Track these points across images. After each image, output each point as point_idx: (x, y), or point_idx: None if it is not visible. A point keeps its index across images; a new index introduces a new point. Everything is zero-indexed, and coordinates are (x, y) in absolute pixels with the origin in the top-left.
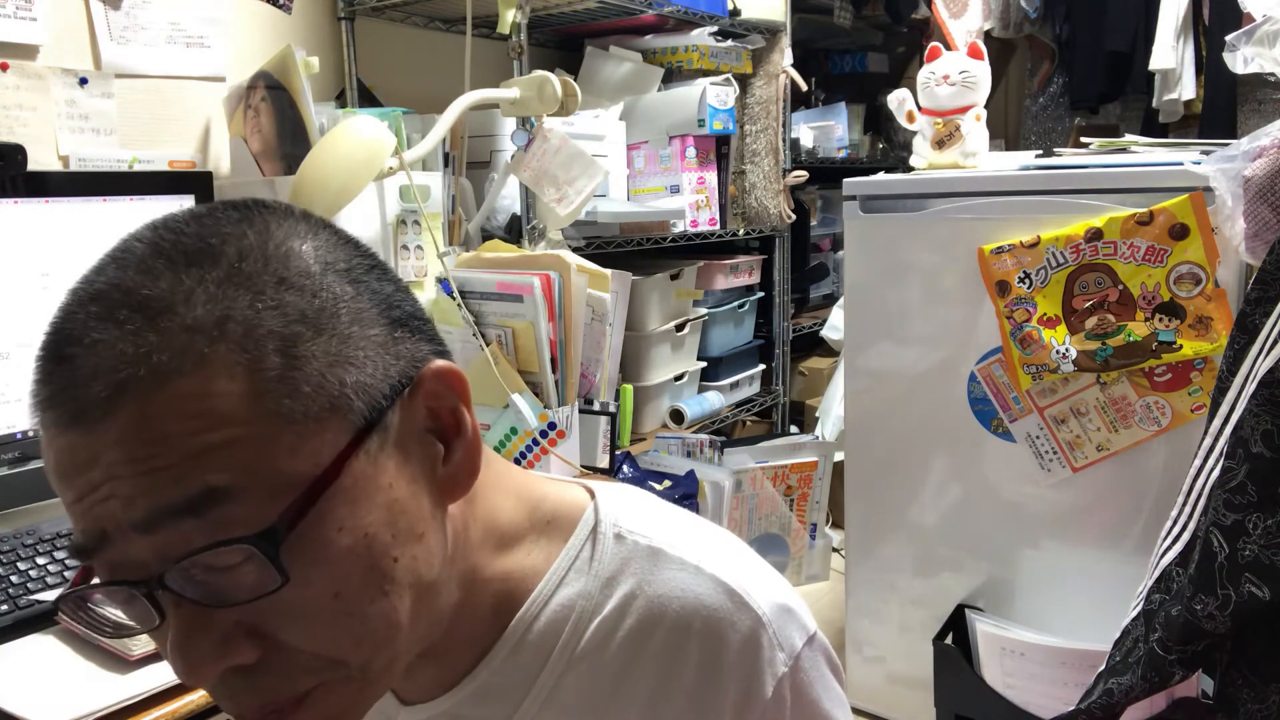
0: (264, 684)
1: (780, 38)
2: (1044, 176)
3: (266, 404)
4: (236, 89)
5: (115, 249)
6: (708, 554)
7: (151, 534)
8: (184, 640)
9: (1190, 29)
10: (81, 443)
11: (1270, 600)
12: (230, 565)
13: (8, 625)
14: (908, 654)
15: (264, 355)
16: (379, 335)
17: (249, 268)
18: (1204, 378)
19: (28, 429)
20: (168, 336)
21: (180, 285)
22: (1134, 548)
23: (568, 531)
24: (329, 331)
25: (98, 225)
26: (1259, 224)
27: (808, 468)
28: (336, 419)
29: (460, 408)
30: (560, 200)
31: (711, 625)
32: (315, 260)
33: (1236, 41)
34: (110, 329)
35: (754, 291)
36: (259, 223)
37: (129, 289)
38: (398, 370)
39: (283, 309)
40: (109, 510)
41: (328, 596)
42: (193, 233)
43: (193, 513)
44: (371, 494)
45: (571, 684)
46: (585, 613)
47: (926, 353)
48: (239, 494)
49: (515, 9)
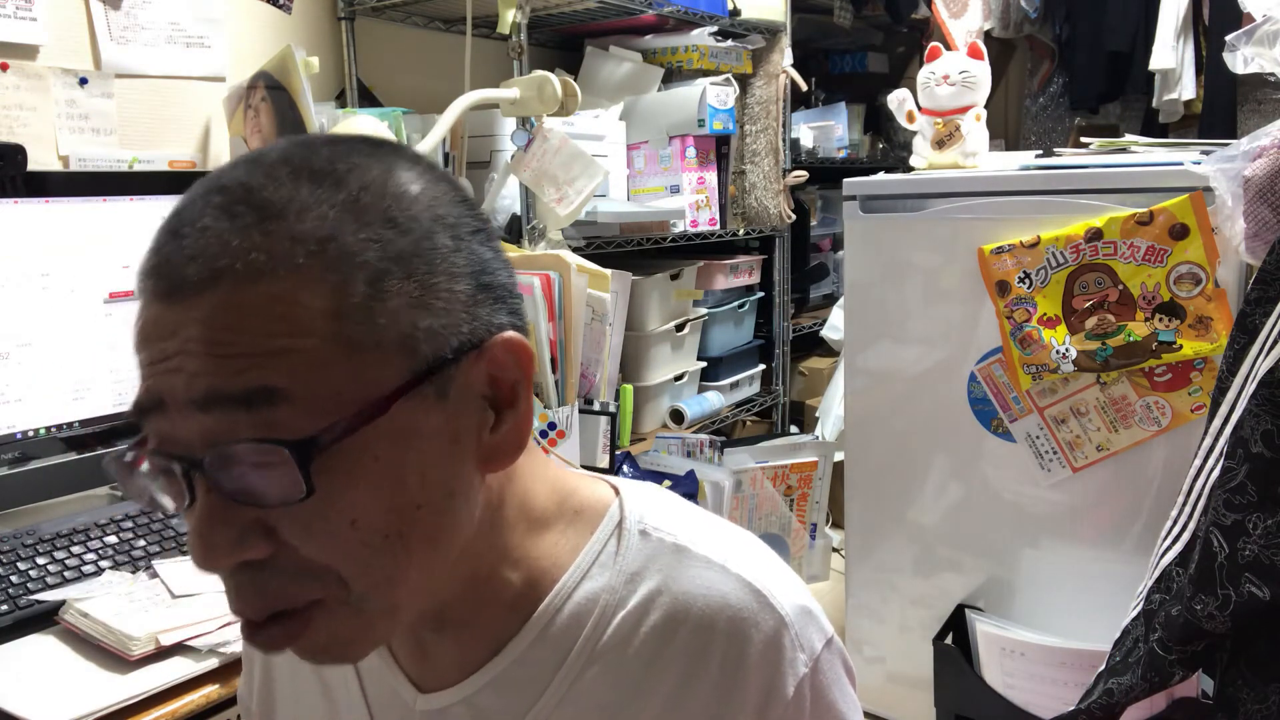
0: (271, 584)
1: (780, 38)
2: (1044, 176)
3: (341, 326)
4: (236, 89)
5: (252, 152)
6: (732, 553)
7: (204, 413)
8: (206, 527)
9: (1190, 29)
10: (167, 315)
11: (1270, 600)
12: (264, 464)
13: (8, 625)
14: (908, 654)
15: (352, 281)
16: (464, 292)
17: (365, 200)
18: (1204, 378)
19: (28, 429)
20: (271, 239)
21: (297, 197)
22: (1134, 548)
23: (593, 525)
24: (417, 276)
25: (98, 225)
26: (1259, 224)
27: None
28: (400, 357)
29: (520, 382)
30: (560, 200)
31: (736, 624)
32: (426, 208)
33: (1236, 41)
34: (223, 219)
35: (754, 291)
36: (387, 161)
37: (251, 188)
38: (470, 330)
39: (383, 244)
40: (172, 382)
41: (345, 521)
42: (325, 155)
43: (246, 405)
44: (412, 437)
45: (593, 678)
46: (609, 607)
47: (926, 353)
48: (292, 400)
49: (515, 9)
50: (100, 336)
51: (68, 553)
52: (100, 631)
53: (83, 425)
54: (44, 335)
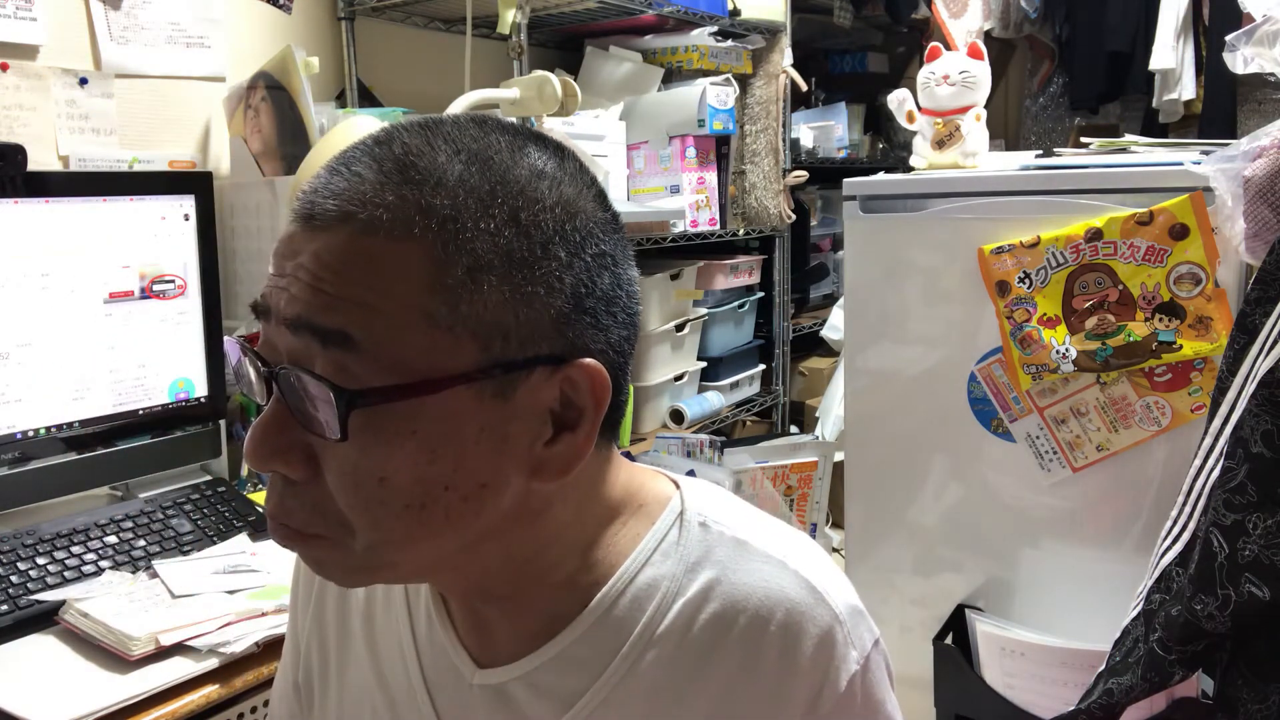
0: (290, 504)
1: (780, 38)
2: (1044, 176)
3: (428, 301)
4: (236, 89)
5: (431, 117)
6: (791, 550)
7: (292, 333)
8: (261, 428)
9: (1190, 29)
10: (299, 236)
11: (1270, 600)
12: (318, 397)
13: (8, 625)
14: (908, 654)
15: (454, 265)
16: (558, 309)
17: (501, 192)
18: (1204, 378)
19: (28, 429)
20: (402, 203)
21: (444, 173)
22: (1134, 548)
23: (655, 516)
24: (516, 278)
25: (98, 225)
26: (1259, 224)
27: (808, 468)
28: (472, 347)
29: (587, 409)
30: None
31: (793, 617)
32: (553, 219)
33: (1236, 41)
34: (374, 170)
35: (754, 291)
36: (548, 166)
37: (409, 150)
38: (553, 346)
39: (495, 239)
40: (279, 297)
41: (374, 475)
42: (493, 142)
43: (323, 341)
44: (459, 424)
45: (652, 662)
46: (669, 594)
47: (926, 353)
48: (362, 351)
49: (515, 9)
50: (100, 336)
51: (68, 553)
52: (100, 631)
53: (83, 425)
54: (44, 335)
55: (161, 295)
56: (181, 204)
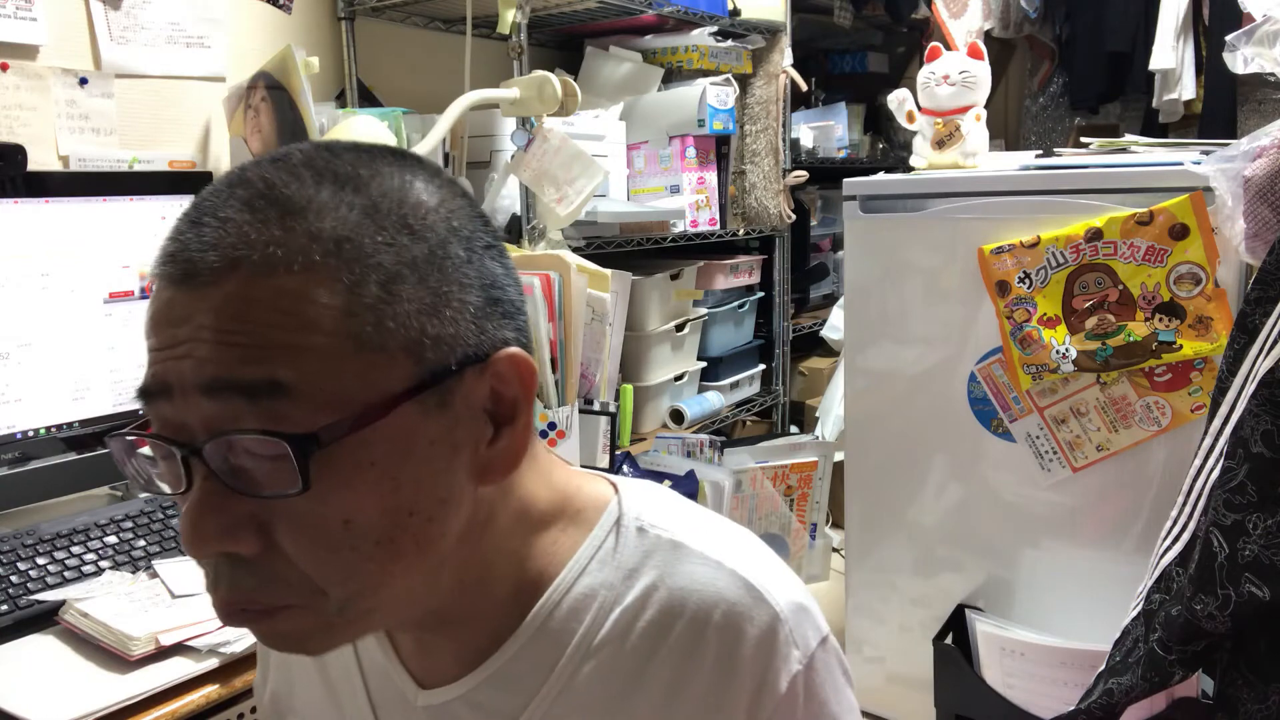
0: (247, 583)
1: (780, 38)
2: (1044, 176)
3: (351, 325)
4: (236, 89)
5: (277, 151)
6: (728, 550)
7: (208, 400)
8: (197, 512)
9: (1190, 29)
10: (181, 300)
11: (1270, 600)
12: (263, 455)
13: (8, 625)
14: (908, 654)
15: (365, 282)
16: (473, 304)
17: (384, 206)
18: (1204, 378)
19: (28, 429)
20: (290, 235)
21: (318, 197)
22: (1134, 548)
23: (592, 523)
24: (430, 282)
25: (98, 225)
26: (1259, 224)
27: (808, 468)
28: (407, 362)
29: (520, 399)
30: (560, 200)
31: (730, 618)
32: (442, 219)
33: (1236, 41)
34: (245, 211)
35: (754, 291)
36: (407, 172)
37: (274, 184)
38: (477, 343)
39: (398, 250)
40: (180, 367)
41: (338, 520)
42: (349, 160)
43: (250, 396)
44: (412, 444)
45: (590, 673)
46: (606, 602)
47: (926, 353)
48: (297, 394)
49: (515, 9)
50: (100, 336)
51: (68, 553)
52: (100, 631)
53: (83, 425)
54: (44, 335)
55: None
56: (181, 204)
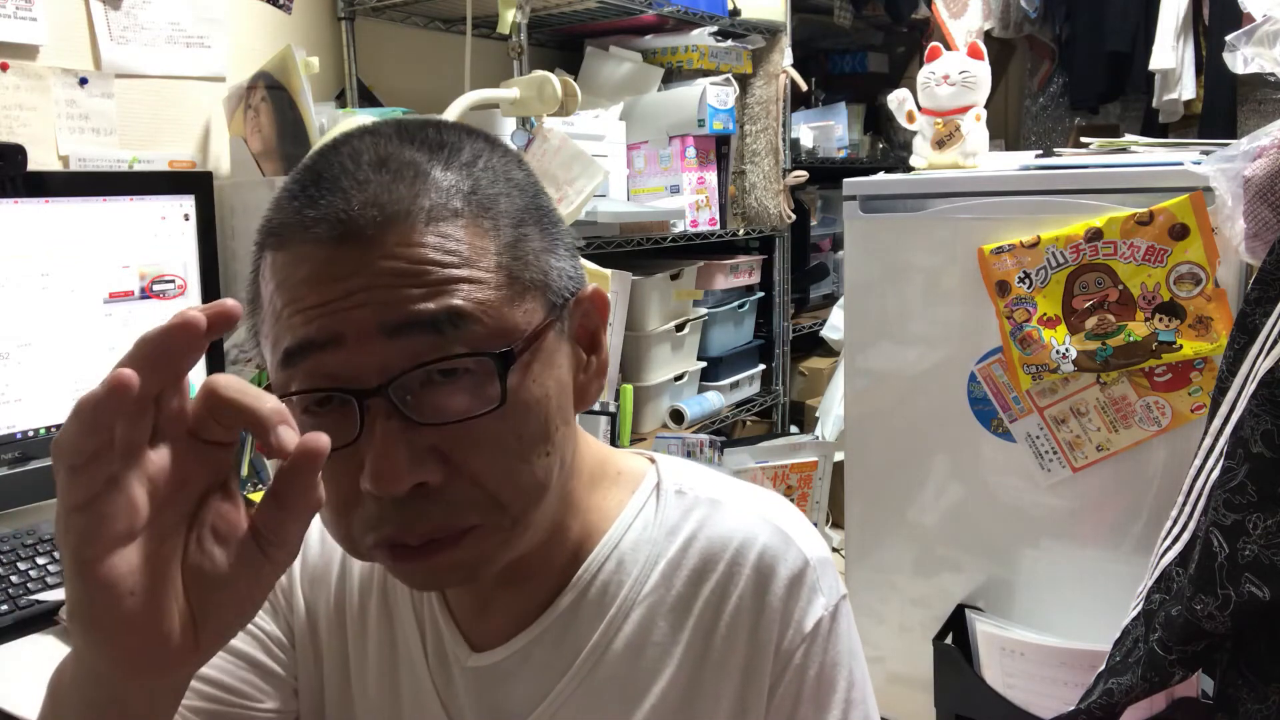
0: (435, 512)
1: (780, 38)
2: (1044, 176)
3: (502, 260)
4: (236, 89)
5: (354, 134)
6: (764, 505)
7: (395, 339)
8: (387, 450)
9: (1190, 29)
10: (347, 256)
11: (1270, 600)
12: (457, 383)
13: (8, 625)
14: (908, 654)
15: (501, 225)
16: (568, 247)
17: (485, 163)
18: (1204, 378)
19: (28, 429)
20: (434, 187)
21: (434, 160)
22: (1134, 548)
23: (633, 486)
24: (543, 227)
25: (98, 225)
26: (1259, 224)
27: (808, 468)
28: (541, 295)
29: (599, 330)
30: (560, 200)
31: (765, 558)
32: (524, 175)
33: (1236, 41)
34: (384, 175)
35: (754, 291)
36: (484, 140)
37: (392, 153)
38: (575, 280)
39: (513, 198)
40: (358, 315)
41: (513, 435)
42: (431, 134)
43: (436, 328)
44: (553, 365)
45: (635, 623)
46: (651, 558)
47: (926, 353)
48: (476, 322)
49: (515, 9)
50: (100, 336)
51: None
52: None
53: None
54: (44, 335)
55: (161, 295)
56: (181, 204)
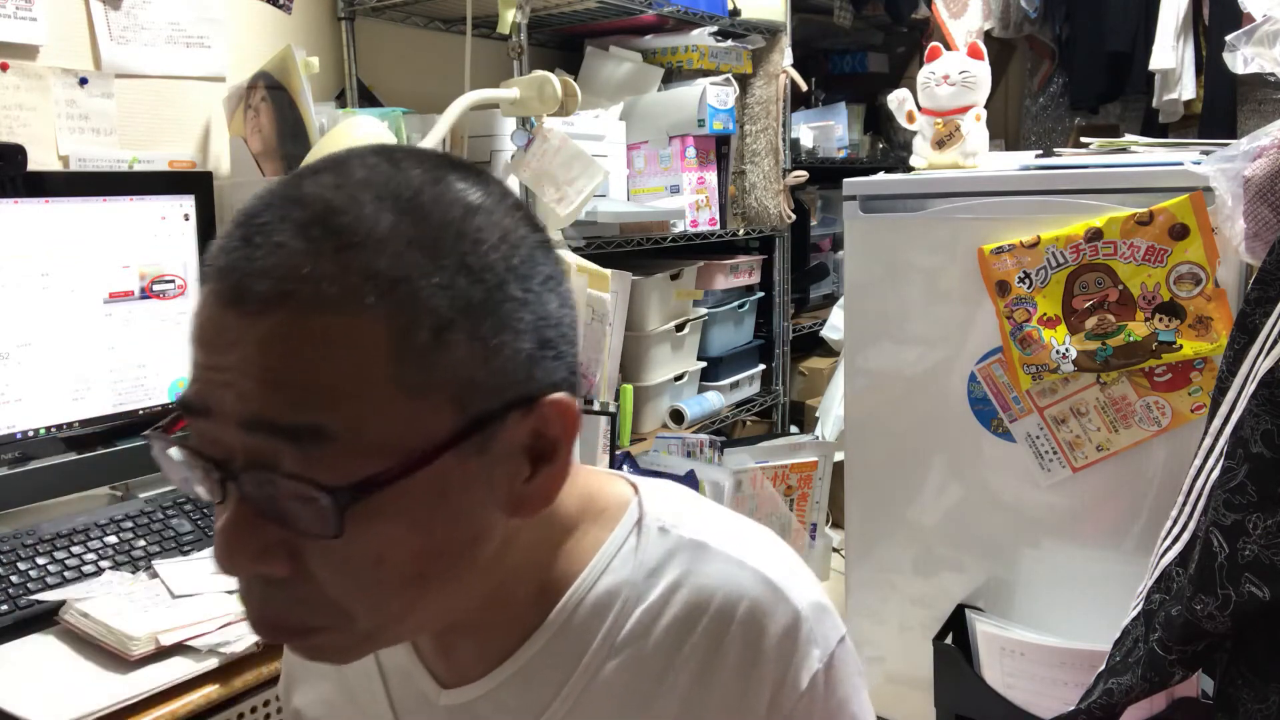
0: (280, 604)
1: (780, 38)
2: (1044, 176)
3: (399, 371)
4: (236, 89)
5: (342, 156)
6: (751, 549)
7: (249, 434)
8: (232, 534)
9: (1190, 29)
10: (231, 324)
11: (1270, 600)
12: (300, 497)
13: (8, 625)
14: (908, 654)
15: (417, 328)
16: (525, 351)
17: (445, 240)
18: (1204, 378)
19: (28, 429)
20: (344, 272)
21: (377, 228)
22: (1134, 548)
23: (614, 522)
24: (483, 330)
25: (98, 225)
26: (1259, 224)
27: (808, 468)
28: (450, 410)
29: (562, 441)
30: (560, 200)
31: (753, 615)
32: (503, 257)
33: (1236, 41)
34: (299, 239)
35: (754, 291)
36: (474, 193)
37: (333, 209)
38: (525, 388)
39: (453, 293)
40: (223, 395)
41: (370, 560)
42: (415, 179)
43: (292, 439)
44: (449, 490)
45: (613, 671)
46: (630, 601)
47: (926, 353)
48: (339, 441)
49: (515, 9)
50: (100, 336)
51: (68, 553)
52: (100, 631)
53: (83, 425)
54: (44, 335)
55: (161, 295)
56: (181, 204)
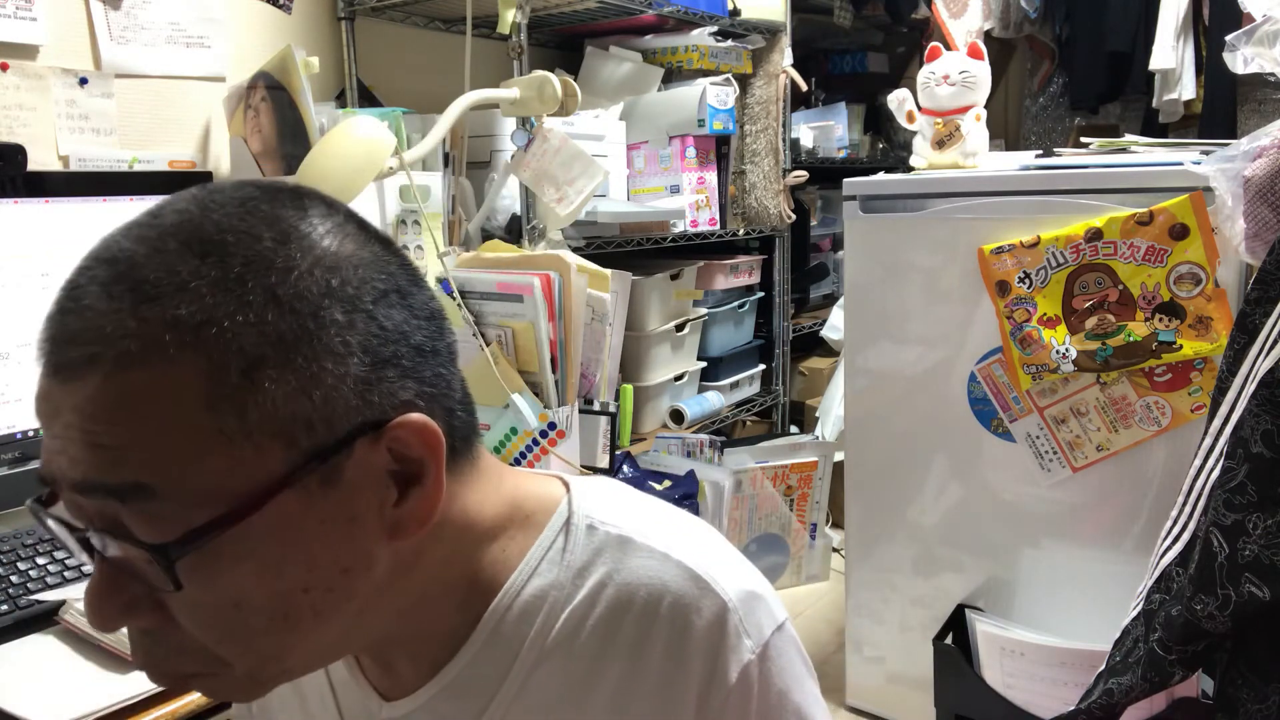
0: (160, 652)
1: (780, 38)
2: (1044, 176)
3: (213, 418)
4: (236, 89)
5: (157, 207)
6: (676, 541)
7: (85, 498)
8: (96, 592)
9: (1190, 29)
10: (54, 393)
11: (1270, 600)
12: (139, 555)
13: (8, 625)
14: (908, 654)
15: (226, 370)
16: (355, 375)
17: (250, 275)
18: (1204, 378)
19: (28, 429)
20: (145, 325)
21: (177, 275)
22: (1134, 548)
23: (541, 525)
24: (299, 362)
25: (98, 225)
26: (1259, 224)
27: (808, 468)
28: (279, 447)
29: (427, 460)
30: (560, 200)
31: (677, 610)
32: (318, 281)
33: (1236, 41)
34: (103, 300)
35: (754, 291)
36: (287, 223)
37: (135, 263)
38: (366, 413)
39: (261, 328)
40: (60, 462)
41: (227, 605)
42: (218, 221)
43: (120, 498)
44: (296, 527)
45: (545, 675)
46: (557, 603)
47: (926, 353)
48: (164, 494)
49: (515, 9)
50: None
51: (68, 552)
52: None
53: None
54: None
55: None
56: None
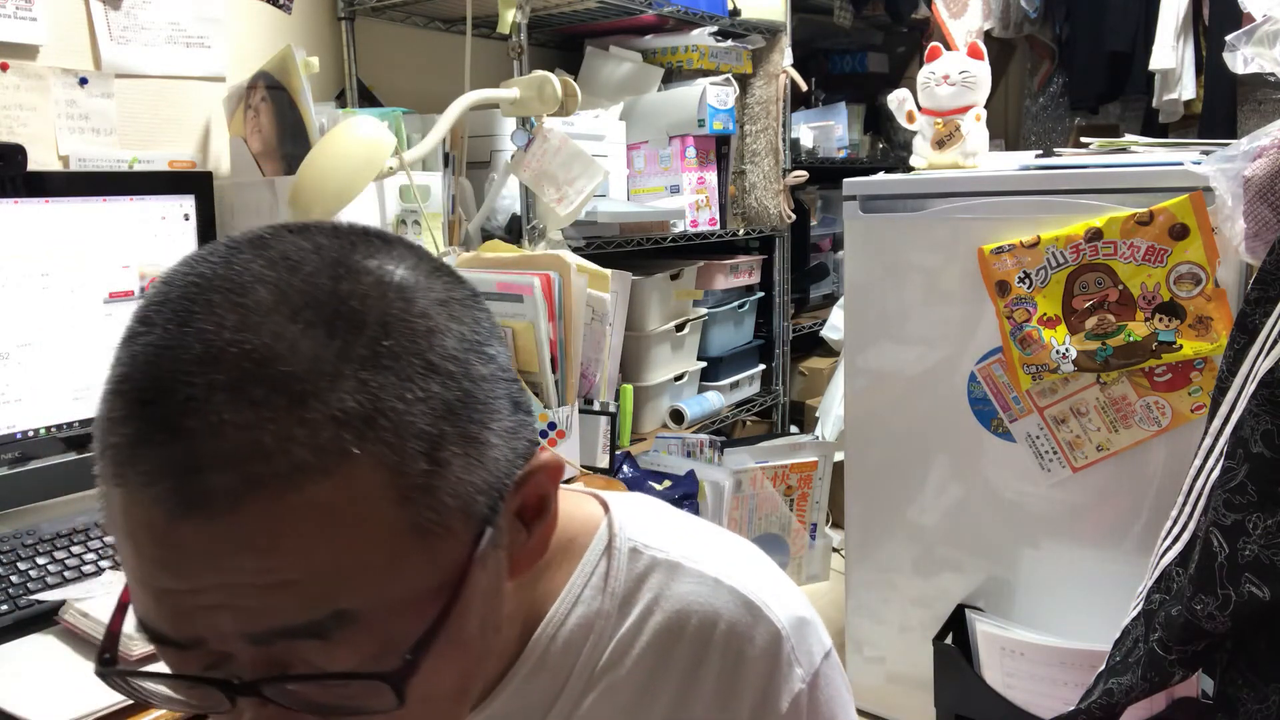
0: None
1: (780, 38)
2: (1044, 176)
3: (408, 515)
4: (236, 89)
5: (221, 278)
6: (725, 566)
7: (264, 647)
8: None
9: (1190, 29)
10: (196, 536)
11: (1270, 600)
12: (345, 688)
13: (8, 625)
14: (908, 654)
15: (411, 459)
16: (505, 424)
17: (396, 345)
18: (1204, 378)
19: (28, 429)
20: (313, 430)
21: (323, 361)
22: (1134, 548)
23: (583, 549)
24: (466, 429)
25: (98, 225)
26: (1259, 224)
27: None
28: (464, 524)
29: (550, 496)
30: (560, 200)
31: (730, 638)
32: (457, 337)
33: (1236, 41)
34: (244, 410)
35: (754, 291)
36: (395, 275)
37: (263, 358)
38: (517, 464)
39: (430, 402)
40: (216, 619)
41: (418, 701)
42: (324, 282)
43: (317, 635)
44: (479, 594)
45: (593, 703)
46: (604, 632)
47: (926, 353)
48: (368, 616)
49: (515, 9)
50: (100, 336)
51: (68, 553)
52: (100, 631)
53: (83, 425)
54: (44, 335)
55: None
56: (181, 204)
